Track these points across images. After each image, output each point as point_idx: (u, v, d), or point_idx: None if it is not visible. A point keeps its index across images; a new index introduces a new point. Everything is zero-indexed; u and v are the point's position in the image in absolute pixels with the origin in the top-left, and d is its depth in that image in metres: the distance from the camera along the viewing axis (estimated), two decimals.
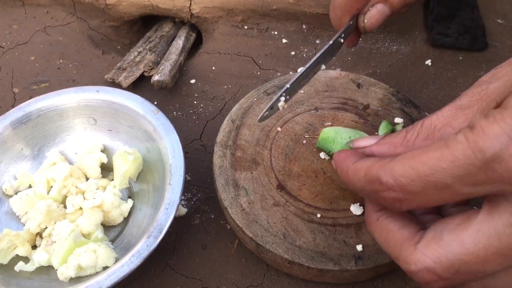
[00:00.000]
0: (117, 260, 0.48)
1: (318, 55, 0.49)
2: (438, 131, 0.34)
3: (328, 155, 0.53)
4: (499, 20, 0.76)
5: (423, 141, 0.35)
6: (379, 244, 0.38)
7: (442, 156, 0.29)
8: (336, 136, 0.51)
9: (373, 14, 0.50)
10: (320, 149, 0.53)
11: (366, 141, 0.41)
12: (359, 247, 0.46)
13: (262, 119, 0.48)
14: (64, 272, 0.46)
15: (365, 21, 0.51)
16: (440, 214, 0.38)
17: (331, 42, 0.50)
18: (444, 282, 0.32)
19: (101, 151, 0.57)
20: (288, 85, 0.48)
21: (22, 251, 0.49)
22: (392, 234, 0.35)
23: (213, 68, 0.71)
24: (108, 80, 0.68)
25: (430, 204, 0.31)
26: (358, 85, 0.60)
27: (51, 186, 0.54)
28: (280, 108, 0.48)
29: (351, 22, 0.51)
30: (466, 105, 0.34)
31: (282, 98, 0.48)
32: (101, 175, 0.56)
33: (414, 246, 0.33)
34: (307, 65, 0.49)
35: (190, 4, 0.74)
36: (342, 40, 0.51)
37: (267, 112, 0.48)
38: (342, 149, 0.43)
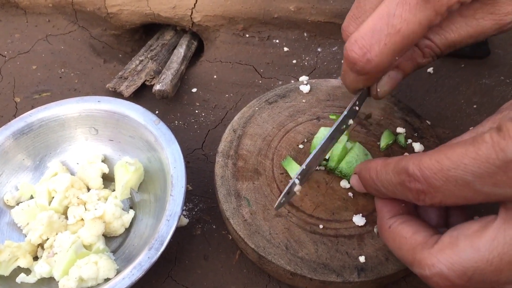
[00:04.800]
0: (118, 271, 0.48)
1: (331, 131, 0.46)
2: None
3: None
4: None
5: None
6: (393, 251, 0.38)
7: (466, 153, 0.29)
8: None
9: (386, 82, 0.47)
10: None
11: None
12: (362, 259, 0.45)
13: (279, 206, 0.46)
14: (66, 284, 0.46)
15: (378, 90, 0.48)
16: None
17: (345, 112, 0.47)
18: None
19: (102, 161, 0.57)
20: (304, 166, 0.45)
21: (23, 262, 0.49)
22: (405, 240, 0.36)
23: (215, 76, 0.71)
24: (110, 89, 0.68)
25: (452, 202, 0.32)
26: None
27: (53, 197, 0.54)
28: (297, 192, 0.45)
29: (364, 89, 0.48)
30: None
31: (297, 181, 0.45)
32: (102, 186, 0.56)
33: (428, 250, 0.33)
34: (320, 144, 0.46)
35: (192, 13, 0.74)
36: (357, 108, 0.49)
37: (283, 199, 0.45)
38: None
